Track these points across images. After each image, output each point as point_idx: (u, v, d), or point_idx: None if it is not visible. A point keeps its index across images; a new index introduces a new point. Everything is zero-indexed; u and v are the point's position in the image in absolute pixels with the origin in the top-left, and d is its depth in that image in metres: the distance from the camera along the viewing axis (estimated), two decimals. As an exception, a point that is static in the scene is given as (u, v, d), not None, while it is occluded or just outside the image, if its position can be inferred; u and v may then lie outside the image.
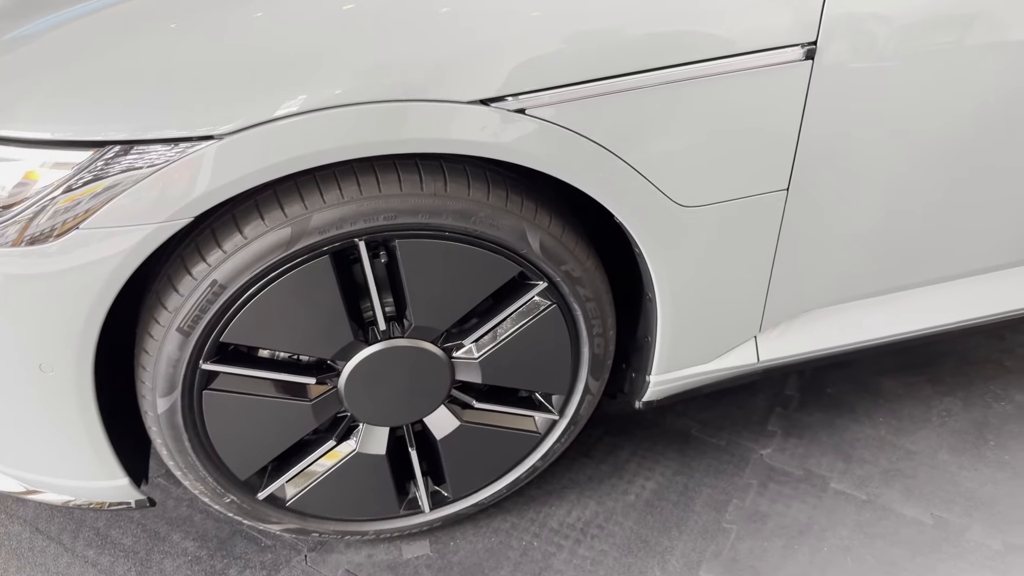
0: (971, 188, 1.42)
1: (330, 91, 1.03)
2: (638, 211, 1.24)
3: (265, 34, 1.04)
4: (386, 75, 1.05)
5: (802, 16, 1.15)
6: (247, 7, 1.05)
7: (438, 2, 1.07)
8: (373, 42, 1.05)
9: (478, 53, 1.07)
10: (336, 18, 1.05)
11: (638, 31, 1.12)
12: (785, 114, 1.22)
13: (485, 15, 1.07)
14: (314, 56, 1.04)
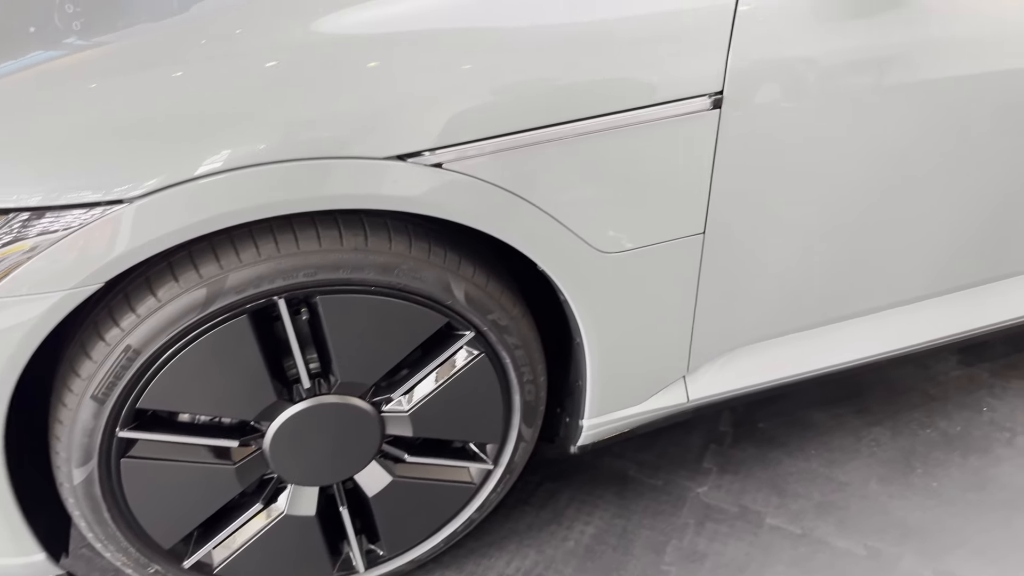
0: (885, 224, 1.47)
1: (249, 150, 1.03)
2: (560, 259, 1.26)
3: (185, 93, 1.03)
4: (305, 133, 1.05)
5: (707, 68, 1.18)
6: (166, 68, 1.05)
7: (357, 59, 1.08)
8: (293, 100, 1.05)
9: (394, 109, 1.08)
10: (257, 76, 1.05)
11: (550, 86, 1.14)
12: (697, 161, 1.25)
13: (401, 72, 1.08)
14: (233, 115, 1.04)
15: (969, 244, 1.58)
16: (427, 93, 1.09)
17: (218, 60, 1.06)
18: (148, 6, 1.26)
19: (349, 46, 1.09)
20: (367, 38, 1.10)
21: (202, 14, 1.19)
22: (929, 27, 1.29)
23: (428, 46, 1.10)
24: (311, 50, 1.08)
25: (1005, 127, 1.43)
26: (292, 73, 1.06)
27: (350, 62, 1.08)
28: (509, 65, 1.12)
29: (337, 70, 1.07)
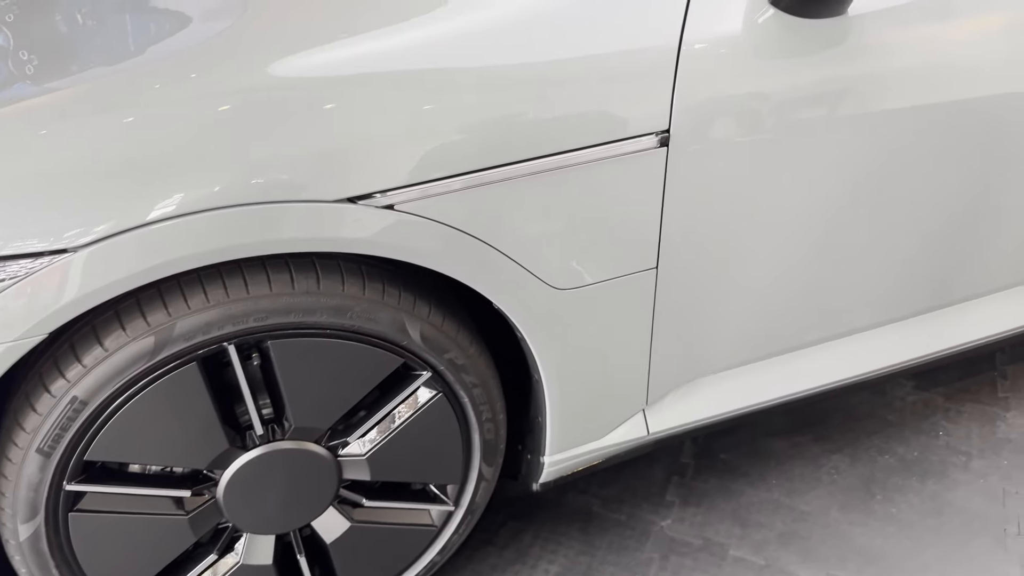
0: (837, 255, 1.49)
1: (201, 194, 1.02)
2: (515, 296, 1.26)
3: (138, 138, 1.03)
4: (257, 177, 1.05)
5: (653, 107, 1.20)
6: (118, 112, 1.04)
7: (307, 102, 1.08)
8: (246, 144, 1.05)
9: (345, 152, 1.09)
10: (211, 120, 1.05)
11: (499, 127, 1.15)
12: (647, 198, 1.26)
13: (352, 115, 1.09)
14: (185, 159, 1.03)
15: (920, 272, 1.61)
16: (378, 136, 1.10)
17: (171, 104, 1.06)
18: (103, 50, 1.26)
19: (299, 89, 1.09)
20: (316, 81, 1.10)
21: (156, 57, 1.19)
22: (869, 62, 1.32)
23: (378, 89, 1.11)
24: (263, 93, 1.08)
25: (950, 156, 1.47)
26: (245, 116, 1.06)
27: (301, 105, 1.08)
28: (458, 107, 1.13)
29: (288, 113, 1.07)
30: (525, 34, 1.18)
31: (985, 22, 1.40)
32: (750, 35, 1.24)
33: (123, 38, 1.30)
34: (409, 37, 1.16)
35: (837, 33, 1.28)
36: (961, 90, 1.40)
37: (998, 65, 1.41)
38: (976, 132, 1.45)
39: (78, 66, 1.23)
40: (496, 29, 1.18)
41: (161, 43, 1.27)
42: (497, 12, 1.19)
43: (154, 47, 1.26)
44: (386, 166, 1.10)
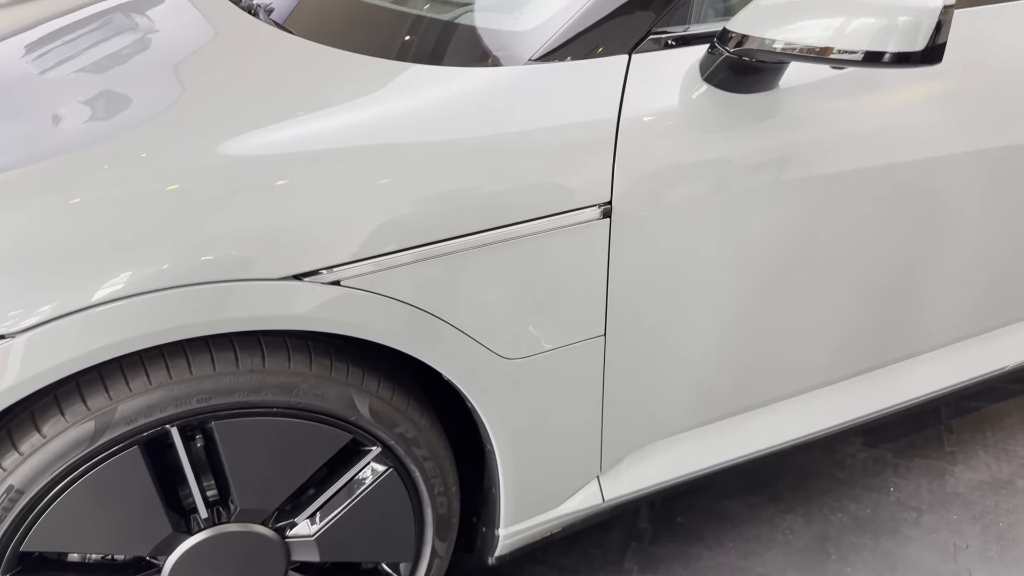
0: (781, 317, 1.53)
1: (145, 275, 1.02)
2: (464, 368, 1.26)
3: (84, 219, 1.03)
4: (202, 256, 1.05)
5: (595, 179, 1.24)
6: (65, 193, 1.04)
7: (252, 182, 1.09)
8: (192, 224, 1.05)
9: (289, 230, 1.09)
10: (158, 200, 1.05)
11: (445, 201, 1.17)
12: (592, 267, 1.29)
13: (297, 193, 1.10)
14: (131, 240, 1.03)
15: (861, 332, 1.65)
16: (324, 212, 1.11)
17: (119, 184, 1.07)
18: (53, 130, 1.26)
19: (245, 168, 1.10)
20: (261, 159, 1.12)
21: (106, 137, 1.19)
22: (801, 132, 1.37)
23: (325, 166, 1.13)
24: (211, 172, 1.09)
25: (883, 220, 1.52)
26: (192, 196, 1.07)
27: (247, 184, 1.09)
28: (402, 182, 1.15)
29: (235, 192, 1.08)
30: (469, 109, 1.21)
31: (910, 92, 1.47)
32: (686, 109, 1.29)
33: (72, 119, 1.30)
34: (357, 115, 1.19)
35: (769, 106, 1.33)
36: (889, 156, 1.46)
37: (925, 131, 1.48)
38: (906, 196, 1.51)
39: (28, 148, 1.22)
40: (442, 105, 1.21)
41: (111, 122, 1.27)
42: (441, 91, 1.23)
43: (104, 127, 1.26)
44: (332, 242, 1.11)
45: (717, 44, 1.25)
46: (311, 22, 1.51)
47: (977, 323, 1.80)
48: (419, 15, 1.47)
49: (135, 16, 1.73)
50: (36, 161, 1.13)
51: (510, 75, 1.25)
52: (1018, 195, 1.63)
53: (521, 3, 1.44)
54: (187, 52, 1.49)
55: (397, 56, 1.32)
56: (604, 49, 1.28)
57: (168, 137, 1.15)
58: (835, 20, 1.17)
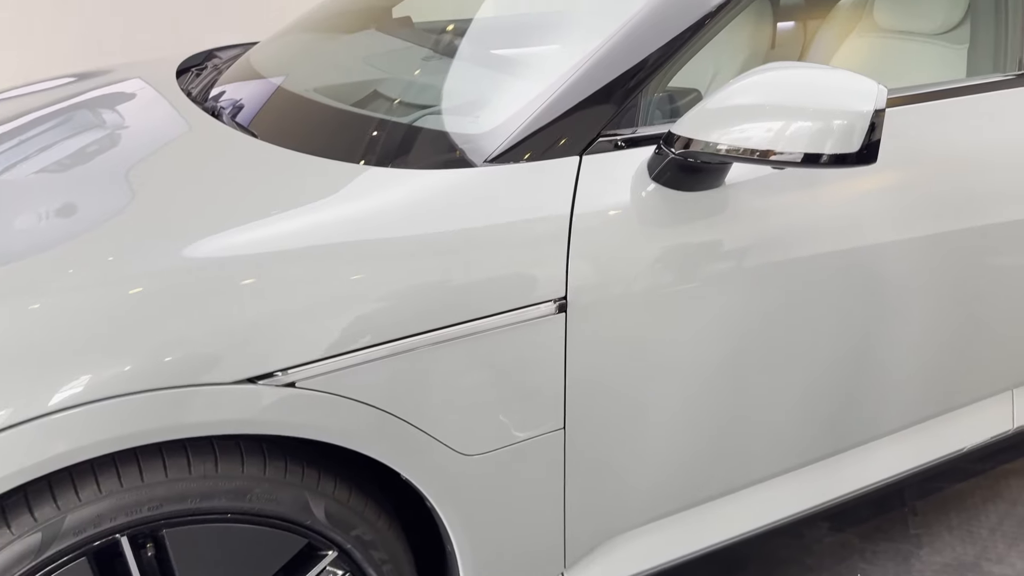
0: (737, 405, 1.54)
1: (99, 382, 1.02)
2: (422, 466, 1.25)
3: (43, 324, 1.03)
4: (157, 362, 1.05)
5: (550, 275, 1.26)
6: (22, 298, 1.04)
7: (215, 285, 1.11)
8: (152, 330, 1.06)
9: (242, 333, 1.10)
10: (118, 304, 1.06)
11: (403, 299, 1.18)
12: (550, 361, 1.30)
13: (250, 297, 1.11)
14: (87, 346, 1.03)
15: (818, 418, 1.67)
16: (278, 313, 1.12)
17: (80, 289, 1.08)
18: (13, 233, 1.26)
19: (203, 271, 1.12)
20: (220, 262, 1.13)
21: (69, 241, 1.20)
22: (749, 225, 1.41)
23: (279, 268, 1.14)
24: (169, 276, 1.10)
25: (833, 306, 1.55)
26: (153, 300, 1.08)
27: (204, 288, 1.10)
28: (359, 281, 1.16)
29: (192, 296, 1.09)
30: (425, 210, 1.24)
31: (852, 184, 1.52)
32: (636, 207, 1.33)
33: (33, 221, 1.30)
34: (314, 217, 1.21)
35: (716, 202, 1.38)
36: (833, 245, 1.50)
37: (867, 220, 1.53)
38: (853, 282, 1.54)
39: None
40: (398, 207, 1.24)
41: (74, 224, 1.28)
42: (399, 193, 1.26)
43: (67, 229, 1.27)
44: (285, 344, 1.11)
45: (663, 146, 1.30)
46: (275, 126, 1.55)
47: (934, 405, 1.82)
48: (380, 118, 1.51)
49: (98, 115, 1.76)
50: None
51: (466, 177, 1.29)
52: (962, 279, 1.68)
53: (477, 107, 1.49)
54: (150, 154, 1.52)
55: (359, 159, 1.36)
56: (556, 151, 1.33)
57: (130, 240, 1.17)
58: (775, 123, 1.22)
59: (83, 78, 2.06)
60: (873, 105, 1.18)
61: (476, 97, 1.56)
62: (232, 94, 1.74)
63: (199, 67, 2.08)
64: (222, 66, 2.02)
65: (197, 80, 1.94)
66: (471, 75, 1.69)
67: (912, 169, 1.56)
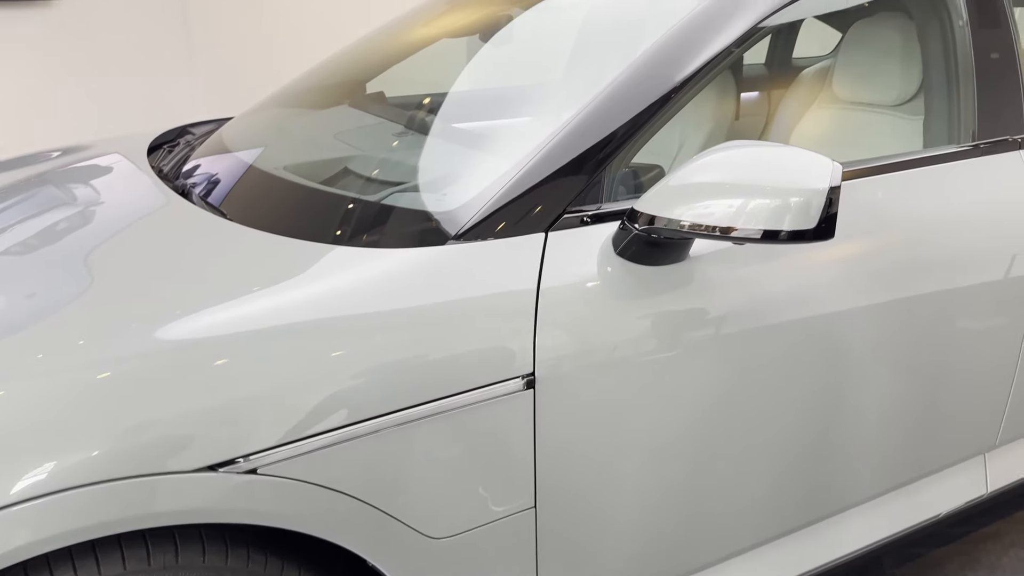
0: (708, 476, 1.53)
1: (70, 470, 1.01)
2: (390, 551, 1.23)
3: (6, 411, 1.02)
4: (119, 449, 1.03)
5: (517, 351, 1.26)
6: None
7: (181, 369, 1.10)
8: (119, 416, 1.05)
9: (203, 419, 1.08)
10: (89, 390, 1.05)
11: (368, 379, 1.18)
12: (519, 438, 1.29)
13: (211, 383, 1.10)
14: (55, 433, 1.02)
15: (792, 486, 1.66)
16: (237, 399, 1.11)
17: (49, 375, 1.07)
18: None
19: (168, 354, 1.11)
20: (187, 345, 1.12)
21: (33, 325, 1.19)
22: (713, 296, 1.42)
23: (244, 350, 1.14)
24: (136, 361, 1.10)
25: (799, 374, 1.55)
26: (116, 387, 1.07)
27: (166, 374, 1.09)
28: (322, 363, 1.16)
29: (154, 381, 1.09)
30: (391, 288, 1.25)
31: (813, 255, 1.53)
32: (601, 282, 1.34)
33: (1, 306, 1.30)
34: (281, 298, 1.21)
35: (681, 275, 1.39)
36: (799, 313, 1.51)
37: (830, 290, 1.55)
38: (818, 351, 1.55)
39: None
40: (365, 286, 1.25)
41: (40, 308, 1.27)
42: (367, 272, 1.27)
43: (32, 312, 1.26)
44: (248, 428, 1.10)
45: (627, 223, 1.32)
46: (246, 206, 1.56)
47: (907, 471, 1.83)
48: (350, 197, 1.53)
49: (69, 192, 1.77)
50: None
51: (433, 255, 1.30)
52: (924, 345, 1.69)
53: (445, 184, 1.51)
54: (121, 235, 1.51)
55: (329, 239, 1.36)
56: (523, 227, 1.34)
57: (99, 323, 1.16)
58: (735, 200, 1.25)
59: (66, 152, 2.07)
60: (828, 182, 1.21)
61: (444, 174, 1.58)
62: (204, 172, 1.76)
63: (172, 143, 2.10)
64: (195, 142, 2.04)
65: (169, 157, 1.95)
66: (440, 152, 1.71)
67: (871, 239, 1.59)
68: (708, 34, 1.52)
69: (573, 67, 1.89)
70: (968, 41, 1.78)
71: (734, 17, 1.54)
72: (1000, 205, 1.74)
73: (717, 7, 1.55)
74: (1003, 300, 1.75)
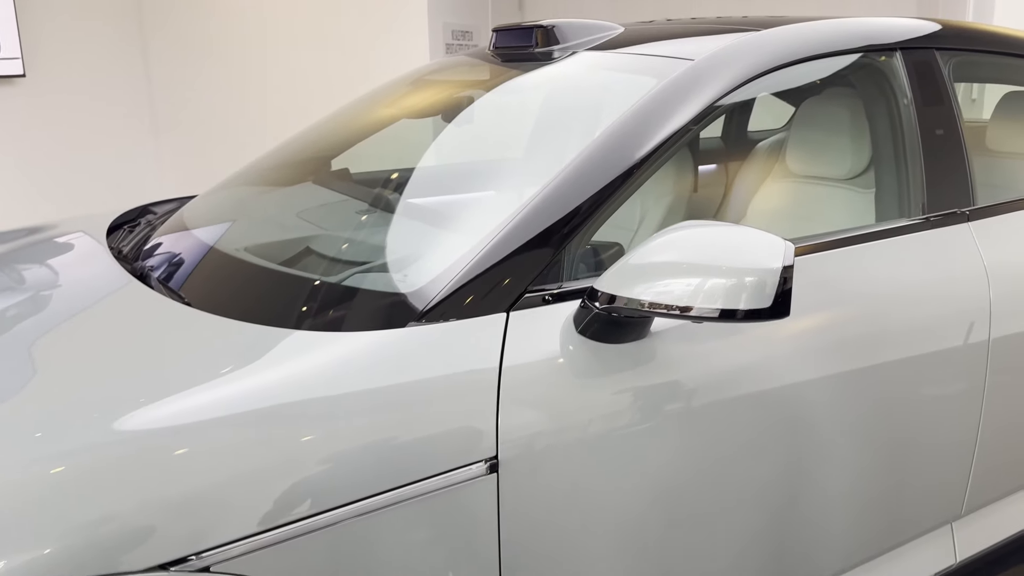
0: (675, 550, 1.51)
1: (14, 569, 0.97)
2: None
3: None
4: (68, 549, 1.00)
5: (480, 434, 1.25)
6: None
7: (127, 464, 1.07)
8: (67, 514, 1.02)
9: (157, 514, 1.05)
10: (41, 485, 1.03)
11: (332, 467, 1.16)
12: (483, 522, 1.27)
13: (167, 471, 1.08)
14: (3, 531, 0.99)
15: (760, 561, 1.65)
16: (196, 491, 1.08)
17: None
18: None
19: (115, 450, 1.08)
20: (142, 436, 1.10)
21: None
22: (674, 372, 1.43)
23: (199, 441, 1.11)
24: (81, 456, 1.07)
25: (761, 446, 1.54)
26: (70, 481, 1.04)
27: (118, 469, 1.07)
28: (277, 453, 1.14)
29: (105, 476, 1.06)
30: (353, 373, 1.23)
31: (772, 329, 1.55)
32: (563, 361, 1.34)
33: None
34: (237, 387, 1.20)
35: (642, 352, 1.40)
36: (760, 386, 1.52)
37: (791, 362, 1.56)
38: (783, 423, 1.56)
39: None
40: (323, 371, 1.23)
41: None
42: (327, 356, 1.25)
43: None
44: (208, 522, 1.07)
45: (588, 301, 1.32)
46: (205, 289, 1.55)
47: (875, 543, 1.82)
48: (311, 279, 1.52)
49: (21, 275, 1.74)
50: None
51: (395, 338, 1.29)
52: (883, 416, 1.70)
53: (406, 264, 1.52)
54: (77, 323, 1.48)
55: (290, 324, 1.35)
56: (484, 307, 1.34)
57: (54, 415, 1.14)
58: (693, 279, 1.26)
59: (28, 232, 2.05)
60: (782, 261, 1.23)
61: (406, 254, 1.59)
62: (164, 254, 1.75)
63: (133, 223, 2.09)
64: (156, 222, 2.03)
65: (130, 238, 1.94)
66: (402, 231, 1.72)
67: (828, 313, 1.62)
68: (666, 113, 1.56)
69: (534, 147, 1.92)
70: (913, 118, 1.85)
71: (690, 97, 1.59)
72: (952, 277, 1.78)
73: (674, 88, 1.60)
74: (960, 369, 1.78)
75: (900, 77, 1.86)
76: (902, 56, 1.87)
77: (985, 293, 1.79)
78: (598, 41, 1.93)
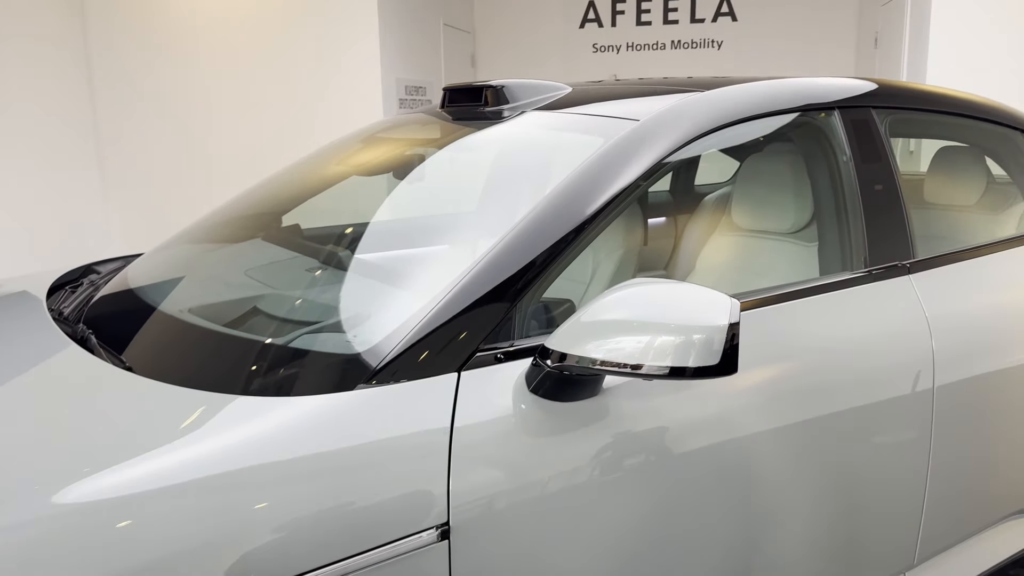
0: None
1: None
2: None
3: None
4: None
5: (431, 500, 1.23)
6: None
7: (69, 538, 1.03)
8: None
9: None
10: None
11: (281, 537, 1.12)
12: (434, 590, 1.24)
13: (109, 544, 1.04)
14: None
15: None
16: (139, 566, 1.04)
17: None
18: None
19: (55, 524, 1.04)
20: (87, 509, 1.06)
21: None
22: (627, 427, 1.42)
23: (142, 512, 1.07)
24: (15, 532, 1.03)
25: (717, 499, 1.55)
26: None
27: (55, 543, 1.03)
28: (223, 524, 1.11)
29: (40, 552, 1.02)
30: (301, 438, 1.21)
31: (722, 383, 1.57)
32: (516, 420, 1.33)
33: None
34: (179, 455, 1.16)
35: (595, 409, 1.40)
36: (711, 439, 1.52)
37: (742, 415, 1.57)
38: (731, 475, 1.56)
39: None
40: (271, 438, 1.20)
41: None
42: (274, 422, 1.23)
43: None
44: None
45: (539, 360, 1.32)
46: (148, 355, 1.50)
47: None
48: (258, 342, 1.49)
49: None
50: None
51: (342, 401, 1.27)
52: (835, 464, 1.71)
53: (353, 324, 1.50)
54: (10, 390, 1.43)
55: (237, 389, 1.33)
56: (435, 367, 1.33)
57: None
58: (643, 337, 1.27)
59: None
60: (728, 319, 1.25)
61: (354, 313, 1.57)
62: (106, 316, 1.70)
63: (75, 283, 2.04)
64: (99, 282, 1.98)
65: (72, 298, 1.89)
66: (352, 289, 1.71)
67: (775, 366, 1.63)
68: (613, 172, 1.58)
69: (485, 204, 1.93)
70: (853, 174, 1.90)
71: (636, 157, 1.61)
72: (895, 328, 1.82)
73: (620, 148, 1.62)
74: (906, 419, 1.81)
75: (839, 135, 1.92)
76: (840, 115, 1.93)
77: (927, 344, 1.83)
78: (546, 101, 1.97)
